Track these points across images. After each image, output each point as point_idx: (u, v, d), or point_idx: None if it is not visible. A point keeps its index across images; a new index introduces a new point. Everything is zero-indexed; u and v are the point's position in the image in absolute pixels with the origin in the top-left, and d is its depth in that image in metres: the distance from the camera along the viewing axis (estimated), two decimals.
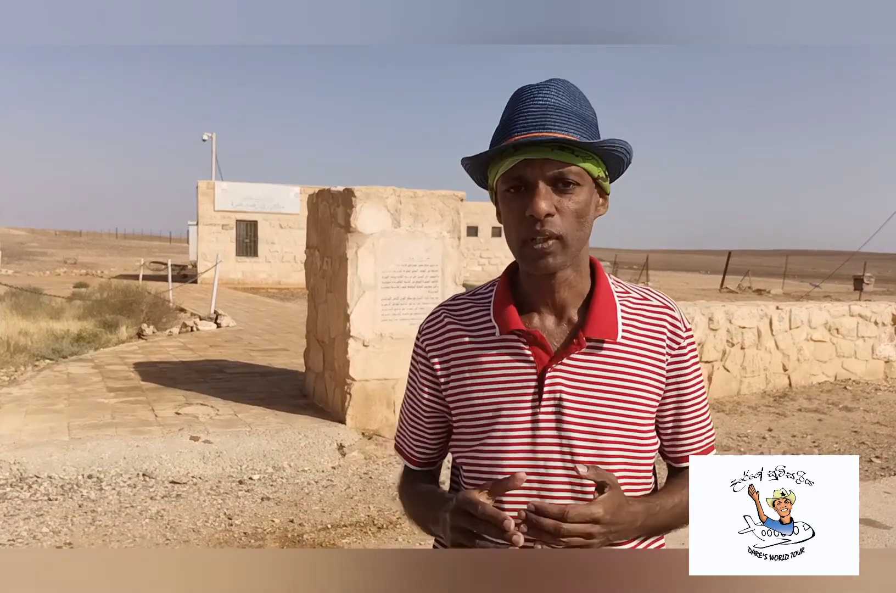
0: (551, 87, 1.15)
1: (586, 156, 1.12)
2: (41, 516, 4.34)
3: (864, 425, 7.23)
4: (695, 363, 1.25)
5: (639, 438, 1.20)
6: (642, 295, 1.25)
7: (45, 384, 7.61)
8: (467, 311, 1.27)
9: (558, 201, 1.12)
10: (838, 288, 34.66)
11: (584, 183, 1.14)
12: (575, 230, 1.14)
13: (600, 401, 1.18)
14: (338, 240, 6.38)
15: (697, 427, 1.27)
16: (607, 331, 1.18)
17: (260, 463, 5.37)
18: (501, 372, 1.20)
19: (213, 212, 26.36)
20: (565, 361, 1.18)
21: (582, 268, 1.22)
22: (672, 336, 1.22)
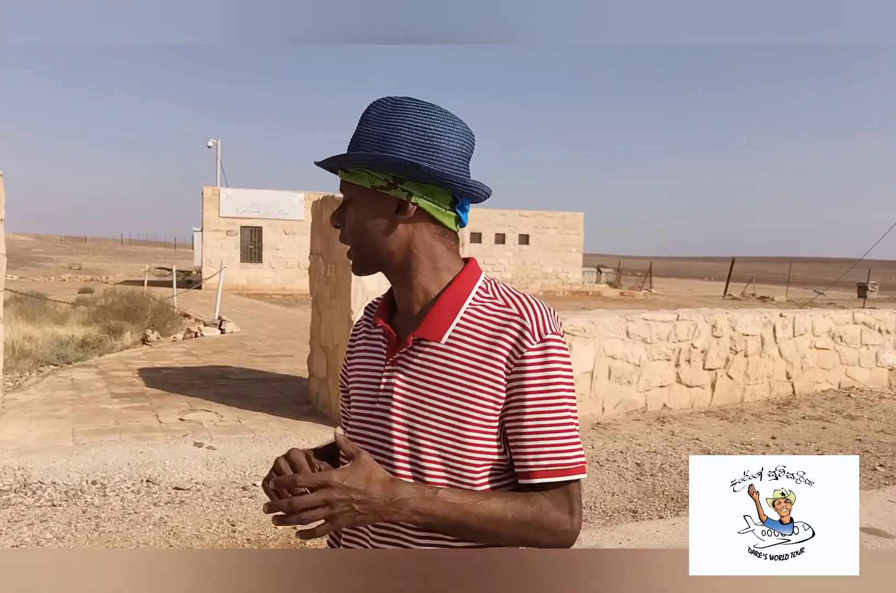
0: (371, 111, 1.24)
1: (354, 171, 1.23)
2: (45, 522, 4.35)
3: (868, 433, 7.21)
4: (544, 375, 1.18)
5: (460, 442, 1.18)
6: (507, 301, 1.23)
7: (49, 390, 7.63)
8: (374, 307, 1.40)
9: (343, 214, 1.27)
10: (842, 295, 34.59)
11: (356, 196, 1.24)
12: (362, 237, 1.25)
13: (421, 398, 1.21)
14: (342, 246, 6.40)
15: (536, 444, 1.18)
16: (434, 332, 1.22)
17: (263, 469, 5.38)
18: (367, 362, 1.32)
19: (218, 219, 26.45)
20: (403, 357, 1.24)
21: (419, 272, 1.26)
22: (515, 344, 1.18)
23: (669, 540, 4.23)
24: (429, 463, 1.19)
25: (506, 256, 31.39)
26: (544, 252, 32.01)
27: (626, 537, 4.28)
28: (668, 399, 7.91)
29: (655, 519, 4.68)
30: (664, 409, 7.84)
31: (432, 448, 1.19)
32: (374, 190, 1.22)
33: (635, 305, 24.59)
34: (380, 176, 1.21)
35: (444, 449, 1.19)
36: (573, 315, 7.51)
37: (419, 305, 1.27)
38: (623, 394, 7.56)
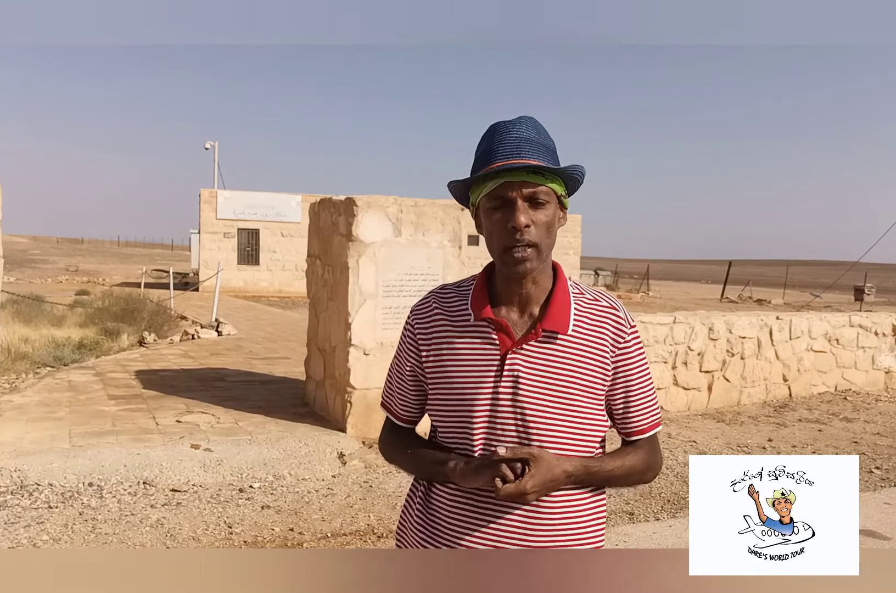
0: (522, 123, 1.43)
1: (553, 179, 1.41)
2: (41, 524, 4.34)
3: (865, 436, 7.23)
4: (640, 354, 1.52)
5: (583, 414, 1.45)
6: (594, 296, 1.52)
7: (46, 392, 7.61)
8: (451, 299, 1.54)
9: (532, 215, 1.39)
10: (839, 298, 34.65)
11: (551, 200, 1.42)
12: (545, 238, 1.42)
13: (551, 380, 1.43)
14: (339, 248, 6.40)
15: (644, 406, 1.54)
16: (560, 324, 1.45)
17: (260, 471, 5.37)
18: (471, 351, 1.47)
19: (215, 221, 26.43)
20: (524, 347, 1.44)
21: (547, 270, 1.49)
22: (616, 332, 1.48)
23: (666, 542, 4.23)
24: (559, 435, 1.44)
25: None
26: None
27: (623, 539, 4.28)
28: (665, 401, 7.92)
29: (652, 521, 4.69)
30: (661, 411, 7.85)
31: (562, 422, 1.44)
32: (559, 196, 1.44)
33: (633, 308, 24.60)
34: (563, 186, 1.45)
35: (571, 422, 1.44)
36: None
37: (536, 301, 1.48)
38: None
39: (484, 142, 1.45)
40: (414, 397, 1.62)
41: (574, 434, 1.45)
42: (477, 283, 1.52)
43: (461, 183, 1.45)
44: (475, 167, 1.44)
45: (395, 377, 1.65)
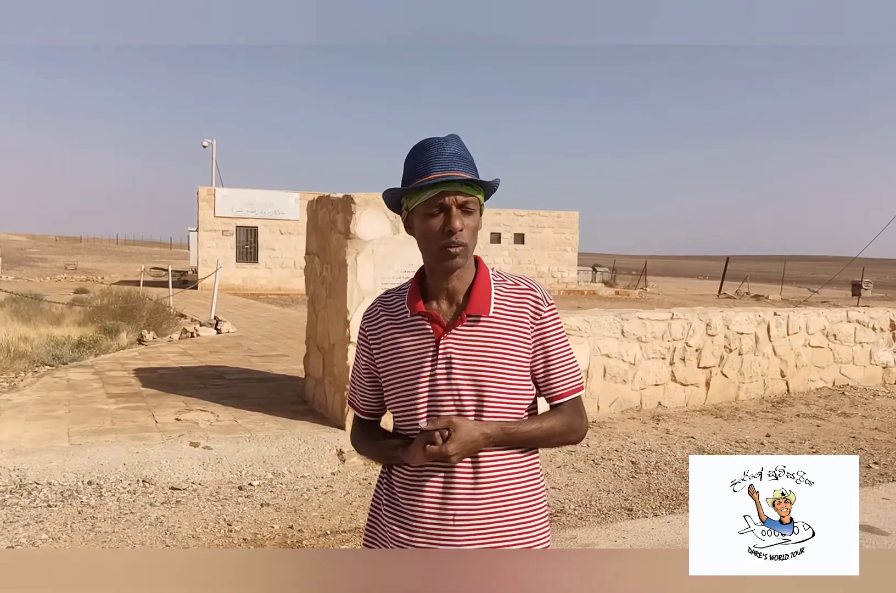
0: (452, 141, 1.65)
1: (479, 190, 1.65)
2: (41, 522, 4.35)
3: (863, 431, 7.24)
4: (557, 327, 1.72)
5: (511, 385, 1.65)
6: (514, 282, 1.74)
7: (45, 390, 7.61)
8: (392, 301, 1.78)
9: (463, 220, 1.63)
10: (836, 293, 34.68)
11: (477, 208, 1.66)
12: (472, 240, 1.66)
13: (479, 358, 1.64)
14: (337, 246, 6.40)
15: (563, 372, 1.72)
16: (482, 308, 1.67)
17: (259, 469, 5.38)
18: (411, 342, 1.70)
19: (214, 218, 26.40)
20: (453, 332, 1.66)
21: (469, 266, 1.71)
22: (534, 309, 1.70)
23: (664, 538, 4.24)
24: (491, 406, 1.63)
25: (501, 255, 31.39)
26: (539, 251, 32.03)
27: (622, 535, 4.29)
28: (663, 397, 7.93)
29: (650, 516, 4.70)
30: (659, 408, 7.86)
31: (493, 394, 1.64)
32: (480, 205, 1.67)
33: (630, 304, 24.62)
34: (483, 195, 1.68)
35: (501, 394, 1.64)
36: (568, 314, 7.52)
37: (461, 292, 1.70)
38: (618, 392, 7.58)
39: (418, 155, 1.65)
40: (371, 392, 1.83)
41: (503, 402, 1.65)
42: (412, 284, 1.75)
43: (397, 191, 1.67)
44: (410, 178, 1.64)
45: (355, 377, 1.88)
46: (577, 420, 1.72)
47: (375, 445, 1.80)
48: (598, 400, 7.40)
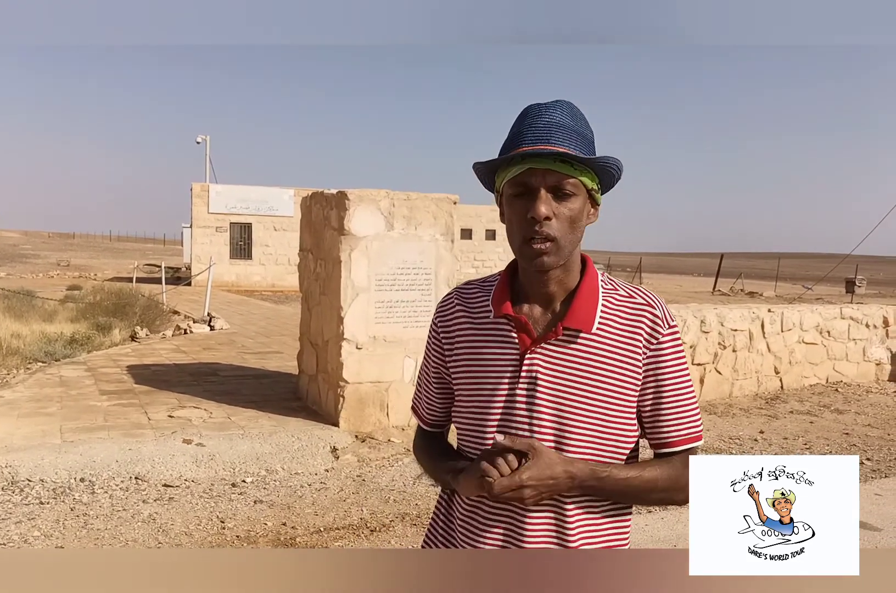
0: (557, 107, 1.32)
1: (583, 170, 1.29)
2: (33, 520, 4.32)
3: (856, 427, 7.26)
4: (676, 358, 1.37)
5: (606, 420, 1.32)
6: (629, 293, 1.39)
7: (37, 387, 7.58)
8: (473, 295, 1.46)
9: (556, 207, 1.29)
10: (830, 290, 34.80)
11: (579, 193, 1.30)
12: (568, 233, 1.30)
13: (570, 383, 1.33)
14: (331, 242, 6.38)
15: (676, 417, 1.38)
16: (583, 322, 1.33)
17: (253, 465, 5.36)
18: (490, 350, 1.39)
19: (207, 215, 26.33)
20: (544, 346, 1.34)
21: (572, 266, 1.37)
22: (651, 331, 1.35)
23: (658, 534, 4.25)
24: (575, 444, 1.31)
25: (496, 252, 31.39)
26: None
27: None
28: None
29: (644, 513, 4.70)
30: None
31: (580, 430, 1.31)
32: (589, 190, 1.32)
33: None
34: (596, 180, 1.33)
35: (591, 431, 1.32)
36: None
37: (560, 298, 1.38)
38: None
39: (515, 125, 1.34)
40: (439, 400, 1.53)
41: (593, 442, 1.32)
42: (501, 279, 1.44)
43: (484, 165, 1.35)
44: (503, 150, 1.33)
45: (422, 379, 1.57)
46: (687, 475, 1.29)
47: (433, 465, 1.50)
48: None
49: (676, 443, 1.38)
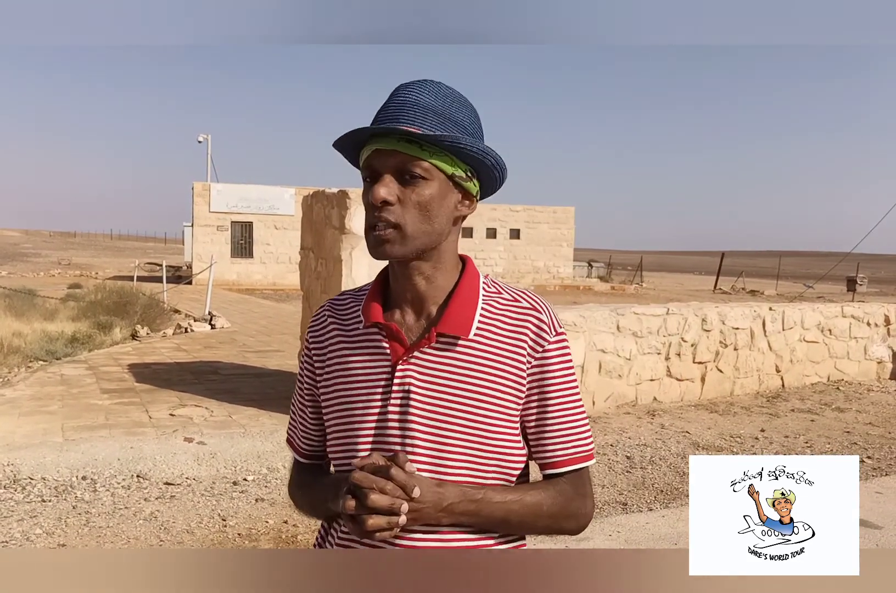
0: (417, 86, 1.18)
1: (436, 153, 1.14)
2: (35, 518, 4.33)
3: (857, 426, 7.26)
4: (563, 368, 1.23)
5: (487, 438, 1.18)
6: (514, 296, 1.25)
7: (38, 385, 7.59)
8: (346, 306, 1.32)
9: (402, 192, 1.15)
10: (831, 289, 34.78)
11: (432, 178, 1.15)
12: (417, 222, 1.16)
13: (447, 395, 1.18)
14: (332, 241, 6.38)
15: (562, 434, 1.23)
16: (459, 327, 1.19)
17: (254, 464, 5.37)
18: (360, 363, 1.23)
19: (209, 214, 26.35)
20: (417, 355, 1.19)
21: (443, 265, 1.23)
22: (536, 338, 1.21)
23: (659, 532, 4.25)
24: (454, 463, 1.17)
25: (497, 251, 31.39)
26: (535, 246, 32.03)
27: (616, 529, 4.30)
28: (659, 392, 7.94)
29: (645, 511, 4.70)
30: (654, 403, 7.87)
31: (459, 448, 1.17)
32: (450, 176, 1.17)
33: (626, 299, 24.64)
34: (461, 166, 1.17)
35: (471, 449, 1.17)
36: (564, 309, 7.52)
37: (434, 301, 1.23)
38: (613, 387, 7.58)
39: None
40: (314, 427, 1.36)
41: (475, 461, 1.18)
42: (372, 285, 1.29)
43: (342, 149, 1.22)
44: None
45: (295, 406, 1.40)
46: (577, 500, 1.22)
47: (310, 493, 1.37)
48: (594, 395, 7.40)
49: (563, 463, 1.23)
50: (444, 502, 1.12)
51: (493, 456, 1.18)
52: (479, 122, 1.23)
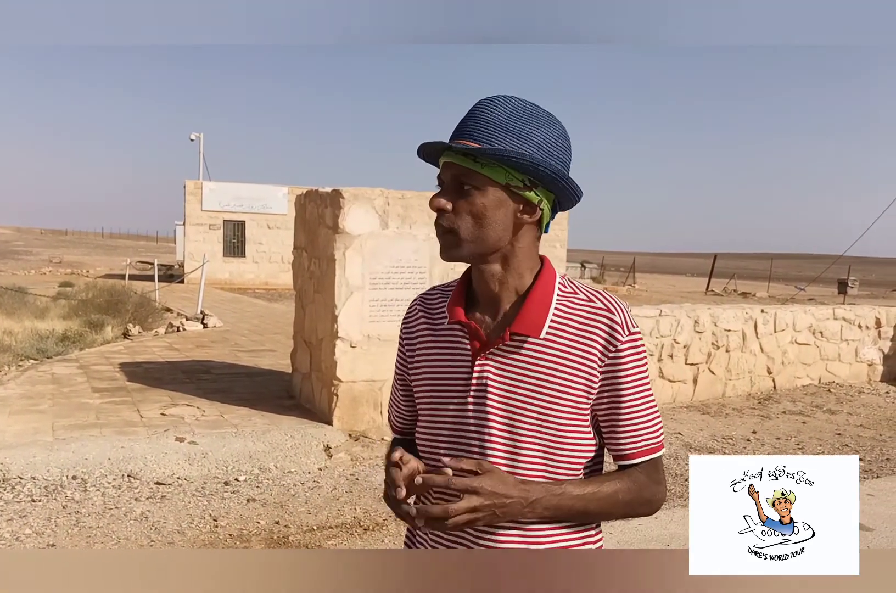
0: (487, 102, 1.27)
1: (488, 164, 1.23)
2: (24, 517, 4.30)
3: (848, 427, 7.29)
4: (636, 366, 1.30)
5: (558, 432, 1.26)
6: (589, 296, 1.33)
7: (29, 384, 7.54)
8: (435, 302, 1.44)
9: (458, 200, 1.26)
10: (823, 291, 34.92)
11: (485, 188, 1.24)
12: (471, 228, 1.26)
13: (519, 391, 1.27)
14: (325, 240, 6.37)
15: (635, 428, 1.32)
16: (532, 327, 1.28)
17: (246, 464, 5.35)
18: (443, 357, 1.35)
19: (201, 212, 26.26)
20: (494, 352, 1.29)
21: (514, 268, 1.32)
22: (608, 338, 1.28)
23: (651, 534, 4.25)
24: (527, 454, 1.26)
25: None
26: None
27: (609, 530, 4.30)
28: None
29: None
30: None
31: (531, 439, 1.26)
32: (505, 186, 1.25)
33: None
34: (518, 176, 1.24)
35: (543, 440, 1.26)
36: None
37: (509, 301, 1.32)
38: None
39: None
40: (405, 407, 1.51)
41: (548, 451, 1.27)
42: (458, 283, 1.40)
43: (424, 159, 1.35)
44: None
45: (393, 386, 1.55)
46: (650, 487, 1.31)
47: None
48: None
49: (635, 454, 1.33)
50: (529, 498, 1.20)
51: (564, 448, 1.27)
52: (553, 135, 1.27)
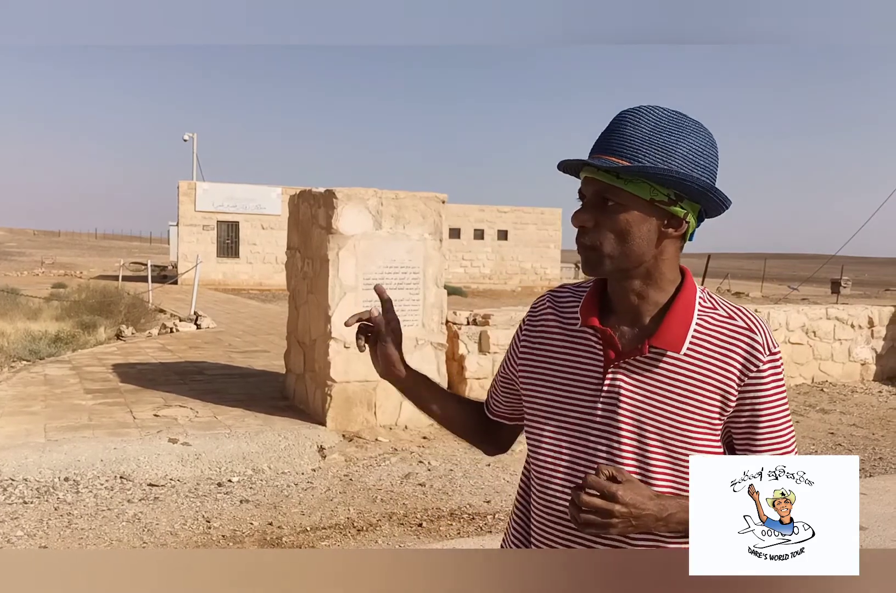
0: (630, 114, 1.24)
1: (631, 180, 1.20)
2: (16, 519, 4.28)
3: (841, 427, 7.31)
4: (776, 387, 1.27)
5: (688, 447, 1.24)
6: (730, 313, 1.28)
7: (21, 385, 7.51)
8: (566, 300, 1.39)
9: (600, 216, 1.23)
10: (816, 291, 35.03)
11: (629, 204, 1.21)
12: (613, 244, 1.23)
13: (653, 405, 1.25)
14: (319, 241, 6.36)
15: (769, 449, 1.28)
16: (672, 343, 1.25)
17: (239, 465, 5.33)
18: (570, 359, 1.32)
19: (194, 213, 26.21)
20: (630, 362, 1.27)
21: (655, 282, 1.28)
22: (748, 357, 1.25)
23: None
24: (656, 466, 1.24)
25: (484, 252, 31.42)
26: (523, 248, 32.08)
27: None
28: None
29: None
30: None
31: (661, 452, 1.24)
32: (650, 202, 1.22)
33: None
34: (663, 191, 1.21)
35: (672, 454, 1.24)
36: None
37: (648, 314, 1.29)
38: None
39: None
40: (504, 396, 1.49)
41: (676, 469, 1.24)
42: (592, 287, 1.36)
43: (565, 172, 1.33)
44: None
45: (497, 376, 1.53)
46: None
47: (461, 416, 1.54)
48: None
49: None
50: (664, 512, 1.16)
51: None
52: (700, 144, 1.24)
